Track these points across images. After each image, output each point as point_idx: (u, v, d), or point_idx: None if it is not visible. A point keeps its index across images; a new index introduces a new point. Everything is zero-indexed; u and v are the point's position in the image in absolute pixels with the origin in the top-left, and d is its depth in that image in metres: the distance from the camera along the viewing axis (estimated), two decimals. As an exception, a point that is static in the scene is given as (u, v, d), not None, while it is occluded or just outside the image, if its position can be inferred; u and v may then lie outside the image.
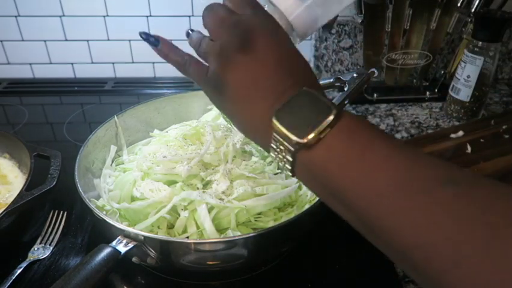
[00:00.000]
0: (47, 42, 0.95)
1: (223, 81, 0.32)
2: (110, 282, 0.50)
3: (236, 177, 0.52)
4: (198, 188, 0.52)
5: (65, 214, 0.58)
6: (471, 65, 0.75)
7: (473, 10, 0.77)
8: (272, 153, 0.30)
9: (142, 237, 0.43)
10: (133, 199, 0.53)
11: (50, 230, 0.55)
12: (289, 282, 0.51)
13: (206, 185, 0.53)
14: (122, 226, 0.44)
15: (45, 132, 0.83)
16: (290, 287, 0.51)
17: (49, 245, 0.54)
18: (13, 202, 0.50)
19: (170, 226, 0.50)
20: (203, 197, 0.49)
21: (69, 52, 0.96)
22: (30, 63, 0.98)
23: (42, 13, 0.91)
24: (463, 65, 0.77)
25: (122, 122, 0.64)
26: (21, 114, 0.87)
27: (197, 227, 0.49)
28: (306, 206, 0.51)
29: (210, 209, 0.49)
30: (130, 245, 0.43)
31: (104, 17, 0.92)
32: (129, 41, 0.95)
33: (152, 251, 0.44)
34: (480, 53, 0.74)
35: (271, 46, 0.32)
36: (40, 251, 0.53)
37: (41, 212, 0.58)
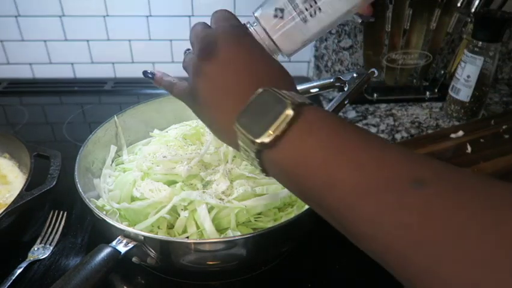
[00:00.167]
0: (47, 42, 0.95)
1: (196, 90, 0.35)
2: (110, 282, 0.50)
3: (236, 177, 0.52)
4: (198, 188, 0.52)
5: (65, 214, 0.58)
6: (471, 65, 0.75)
7: (473, 10, 0.77)
8: (243, 155, 0.31)
9: (142, 237, 0.43)
10: (133, 199, 0.53)
11: (50, 230, 0.55)
12: (289, 282, 0.51)
13: (206, 185, 0.53)
14: (122, 226, 0.44)
15: (45, 132, 0.83)
16: (290, 287, 0.51)
17: (49, 245, 0.54)
18: (13, 202, 0.50)
19: (170, 226, 0.50)
20: (203, 197, 0.49)
21: (69, 52, 0.96)
22: (30, 63, 0.98)
23: (42, 13, 0.91)
24: (463, 65, 0.77)
25: (122, 122, 0.64)
26: (21, 114, 0.87)
27: (197, 227, 0.49)
28: (306, 206, 0.51)
29: (210, 209, 0.49)
30: (130, 245, 0.43)
31: (104, 17, 0.92)
32: (129, 41, 0.95)
33: (152, 251, 0.44)
34: (480, 53, 0.74)
35: (235, 53, 0.33)
36: (40, 251, 0.53)
37: (41, 212, 0.58)
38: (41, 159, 0.59)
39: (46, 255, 0.52)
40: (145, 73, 0.44)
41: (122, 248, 0.42)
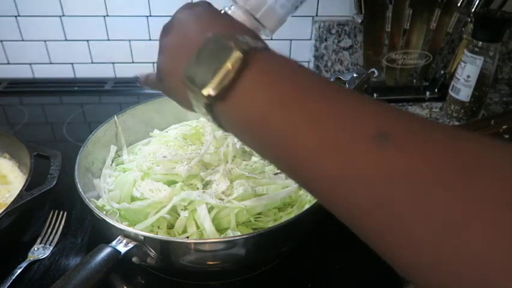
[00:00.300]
0: (47, 42, 0.95)
1: (157, 67, 0.35)
2: (110, 282, 0.50)
3: (236, 177, 0.52)
4: (198, 188, 0.52)
5: (65, 214, 0.58)
6: (471, 65, 0.75)
7: (473, 10, 0.77)
8: (199, 112, 0.28)
9: (142, 237, 0.43)
10: (133, 199, 0.53)
11: (50, 230, 0.55)
12: (289, 282, 0.51)
13: (206, 185, 0.53)
14: (122, 226, 0.44)
15: (45, 132, 0.83)
16: (290, 287, 0.51)
17: (49, 245, 0.54)
18: (13, 202, 0.50)
19: (170, 226, 0.50)
20: (203, 197, 0.49)
21: (69, 52, 0.96)
22: (30, 63, 0.98)
23: (42, 13, 0.91)
24: (463, 65, 0.77)
25: (122, 122, 0.64)
26: (21, 114, 0.87)
27: (197, 227, 0.49)
28: (306, 206, 0.51)
29: (210, 209, 0.49)
30: (130, 245, 0.43)
31: (104, 17, 0.92)
32: (129, 41, 0.95)
33: (152, 251, 0.44)
34: (480, 53, 0.74)
35: (185, 17, 0.33)
36: (40, 251, 0.53)
37: (41, 212, 0.58)
38: (41, 159, 0.59)
39: (46, 255, 0.52)
40: (135, 81, 0.45)
41: (122, 248, 0.42)
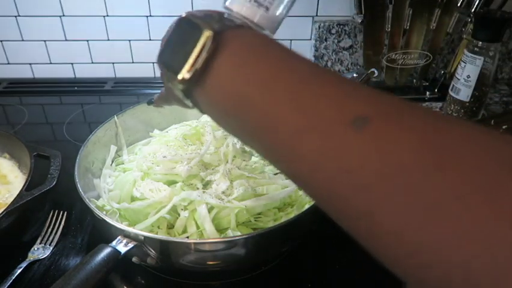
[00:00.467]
0: (47, 42, 0.95)
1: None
2: (110, 282, 0.50)
3: (236, 177, 0.52)
4: (198, 188, 0.52)
5: (65, 214, 0.58)
6: (471, 65, 0.75)
7: (473, 10, 0.77)
8: (183, 101, 0.27)
9: (142, 237, 0.43)
10: (133, 199, 0.53)
11: (50, 230, 0.55)
12: (289, 282, 0.51)
13: (206, 185, 0.53)
14: (122, 226, 0.44)
15: (45, 132, 0.83)
16: (290, 287, 0.51)
17: (49, 245, 0.54)
18: (13, 202, 0.50)
19: (170, 226, 0.50)
20: (203, 197, 0.49)
21: (69, 52, 0.96)
22: (30, 63, 0.98)
23: (42, 13, 0.91)
24: (462, 65, 0.77)
25: (122, 122, 0.64)
26: (21, 114, 0.87)
27: (197, 227, 0.49)
28: (306, 206, 0.51)
29: (210, 209, 0.49)
30: (130, 245, 0.43)
31: (104, 17, 0.92)
32: (129, 41, 0.95)
33: (152, 251, 0.44)
34: (480, 53, 0.74)
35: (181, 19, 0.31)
36: (40, 251, 0.53)
37: (41, 212, 0.58)
38: (41, 159, 0.59)
39: (46, 255, 0.52)
40: (149, 103, 0.50)
41: (122, 248, 0.42)
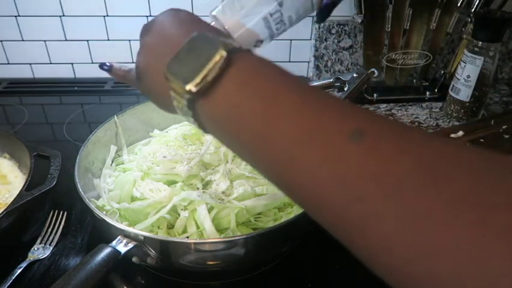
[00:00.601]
0: (47, 42, 0.95)
1: (137, 66, 0.35)
2: (110, 282, 0.50)
3: (236, 177, 0.52)
4: (198, 188, 0.52)
5: (65, 214, 0.58)
6: (471, 65, 0.75)
7: (473, 10, 0.77)
8: (179, 112, 0.28)
9: (142, 237, 0.43)
10: (133, 199, 0.53)
11: (50, 230, 0.55)
12: (289, 282, 0.51)
13: (206, 185, 0.53)
14: (122, 226, 0.44)
15: (45, 132, 0.83)
16: (290, 287, 0.51)
17: (49, 245, 0.54)
18: (13, 202, 0.50)
19: (170, 226, 0.50)
20: (203, 197, 0.49)
21: (69, 52, 0.96)
22: (30, 63, 0.98)
23: (42, 13, 0.91)
24: (462, 65, 0.77)
25: (122, 122, 0.64)
26: (21, 114, 0.87)
27: (197, 227, 0.49)
28: (306, 206, 0.51)
29: (210, 209, 0.49)
30: (130, 245, 0.43)
31: (104, 17, 0.92)
32: (129, 41, 0.95)
33: (152, 251, 0.44)
34: (480, 53, 0.74)
35: (167, 20, 0.33)
36: (40, 251, 0.53)
37: (41, 212, 0.58)
38: (41, 159, 0.59)
39: (46, 255, 0.52)
40: (101, 66, 0.43)
41: (122, 248, 0.42)
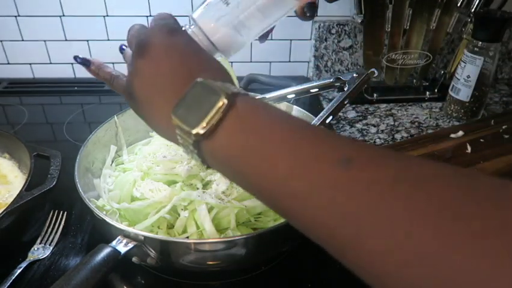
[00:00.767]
0: (47, 42, 0.95)
1: (132, 88, 0.35)
2: (110, 282, 0.50)
3: (236, 177, 0.52)
4: (198, 188, 0.52)
5: (65, 214, 0.58)
6: (471, 65, 0.75)
7: (473, 10, 0.77)
8: (183, 148, 0.31)
9: (142, 237, 0.43)
10: (133, 199, 0.53)
11: (50, 230, 0.55)
12: (289, 282, 0.51)
13: (206, 185, 0.53)
14: (122, 226, 0.44)
15: (45, 132, 0.83)
16: (290, 287, 0.51)
17: (49, 245, 0.54)
18: (13, 202, 0.50)
19: (170, 226, 0.50)
20: (203, 197, 0.49)
21: (69, 52, 0.96)
22: (30, 63, 0.98)
23: (42, 13, 0.91)
24: (462, 65, 0.77)
25: (122, 122, 0.64)
26: (21, 114, 0.87)
27: (197, 227, 0.49)
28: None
29: (210, 209, 0.49)
30: (130, 245, 0.43)
31: (104, 17, 0.92)
32: (129, 41, 0.95)
33: (152, 251, 0.44)
34: (480, 53, 0.74)
35: (168, 49, 0.34)
36: (40, 251, 0.53)
37: (41, 212, 0.58)
38: (41, 159, 0.59)
39: (46, 255, 0.52)
40: (79, 59, 0.41)
41: (122, 248, 0.42)
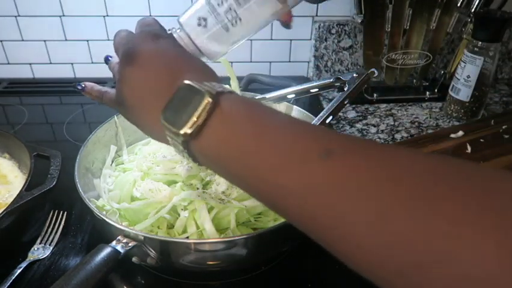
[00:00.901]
0: (47, 42, 0.95)
1: (121, 95, 0.36)
2: (110, 282, 0.50)
3: (236, 177, 0.52)
4: (198, 188, 0.52)
5: (65, 214, 0.58)
6: (471, 65, 0.75)
7: (473, 10, 0.77)
8: (174, 148, 0.32)
9: (142, 237, 0.43)
10: (133, 199, 0.53)
11: (50, 230, 0.55)
12: (289, 282, 0.51)
13: (206, 185, 0.53)
14: (122, 226, 0.44)
15: (45, 132, 0.83)
16: (290, 287, 0.51)
17: (49, 245, 0.54)
18: (13, 202, 0.50)
19: (170, 226, 0.50)
20: (203, 197, 0.49)
21: (69, 52, 0.96)
22: (30, 63, 0.98)
23: (42, 13, 0.91)
24: (462, 65, 0.77)
25: (122, 122, 0.64)
26: (21, 114, 0.87)
27: (197, 227, 0.49)
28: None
29: (210, 209, 0.49)
30: (130, 245, 0.43)
31: (104, 17, 0.92)
32: (129, 41, 0.95)
33: (152, 251, 0.44)
34: (480, 53, 0.74)
35: (154, 55, 0.35)
36: (40, 251, 0.53)
37: (41, 212, 0.58)
38: (41, 159, 0.59)
39: (46, 255, 0.52)
40: (75, 86, 0.44)
41: (122, 248, 0.42)
